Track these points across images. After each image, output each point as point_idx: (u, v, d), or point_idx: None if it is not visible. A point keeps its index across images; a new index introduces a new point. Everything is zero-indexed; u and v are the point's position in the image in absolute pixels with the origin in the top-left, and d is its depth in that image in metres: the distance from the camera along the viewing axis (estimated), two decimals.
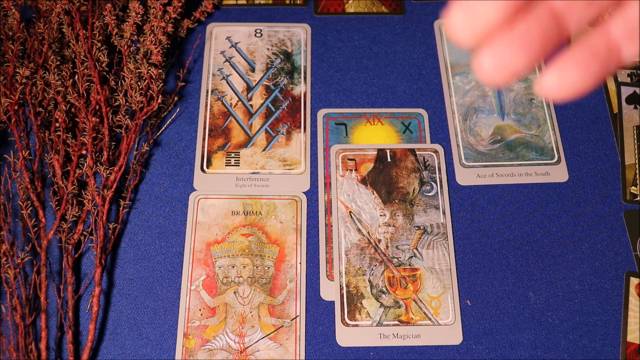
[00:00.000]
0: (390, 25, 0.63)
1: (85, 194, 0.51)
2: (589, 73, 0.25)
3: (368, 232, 0.52)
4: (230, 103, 0.58)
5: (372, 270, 0.51)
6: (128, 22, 0.54)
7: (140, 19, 0.55)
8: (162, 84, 0.54)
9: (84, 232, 0.51)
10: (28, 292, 0.48)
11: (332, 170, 0.55)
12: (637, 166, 0.56)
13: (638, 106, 0.58)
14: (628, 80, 0.60)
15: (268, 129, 0.57)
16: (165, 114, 0.57)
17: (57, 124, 0.52)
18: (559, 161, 0.56)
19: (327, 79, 0.60)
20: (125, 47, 0.54)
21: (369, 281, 0.50)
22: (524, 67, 0.25)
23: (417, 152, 0.56)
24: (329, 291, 0.50)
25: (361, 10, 0.64)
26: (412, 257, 0.51)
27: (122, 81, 0.54)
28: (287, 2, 0.64)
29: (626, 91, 0.59)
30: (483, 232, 0.53)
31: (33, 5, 0.57)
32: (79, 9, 0.54)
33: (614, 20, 0.26)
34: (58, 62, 0.53)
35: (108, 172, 0.52)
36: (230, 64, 0.60)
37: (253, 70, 0.60)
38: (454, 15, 0.24)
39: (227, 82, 0.59)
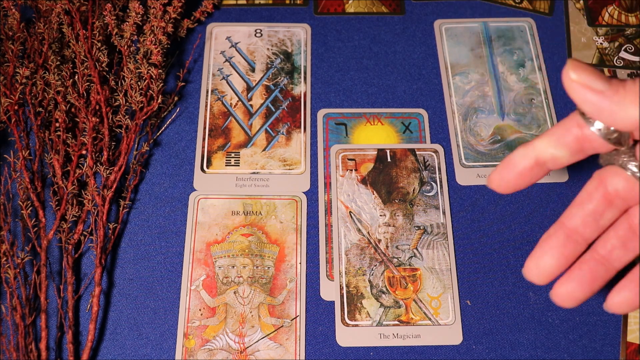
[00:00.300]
0: (390, 25, 0.63)
1: (85, 194, 0.51)
2: (638, 293, 0.34)
3: (368, 232, 0.52)
4: (230, 103, 0.58)
5: (372, 270, 0.51)
6: (128, 22, 0.54)
7: (140, 19, 0.55)
8: (162, 84, 0.54)
9: (84, 232, 0.51)
10: (28, 292, 0.48)
11: (332, 170, 0.55)
12: None
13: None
14: None
15: (268, 129, 0.57)
16: (165, 114, 0.57)
17: (57, 124, 0.52)
18: None
19: (327, 79, 0.60)
20: (125, 47, 0.54)
21: (369, 281, 0.50)
22: (582, 295, 0.34)
23: (417, 152, 0.56)
24: (329, 291, 0.50)
25: (361, 10, 0.64)
26: (412, 257, 0.51)
27: (122, 81, 0.54)
28: (287, 2, 0.64)
29: None
30: (483, 232, 0.53)
31: (33, 5, 0.57)
32: (79, 9, 0.54)
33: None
34: (58, 62, 0.53)
35: (108, 172, 0.52)
36: (230, 64, 0.60)
37: (253, 70, 0.60)
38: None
39: (227, 82, 0.59)
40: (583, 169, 0.56)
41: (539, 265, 0.35)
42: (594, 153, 0.35)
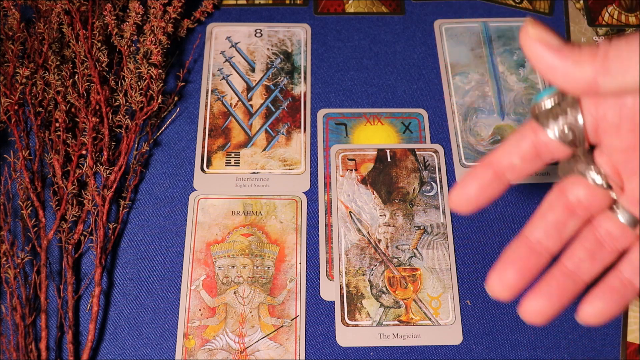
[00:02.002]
0: (390, 25, 0.63)
1: (85, 194, 0.51)
2: (611, 303, 0.33)
3: (368, 232, 0.52)
4: (230, 103, 0.58)
5: (372, 270, 0.51)
6: (128, 22, 0.54)
7: (140, 19, 0.55)
8: (162, 84, 0.55)
9: (84, 232, 0.51)
10: (28, 292, 0.48)
11: (332, 170, 0.55)
12: None
13: None
14: None
15: (268, 129, 0.57)
16: (165, 114, 0.57)
17: (57, 124, 0.52)
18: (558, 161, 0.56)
19: (327, 79, 0.60)
20: (125, 47, 0.54)
21: (369, 281, 0.50)
22: (551, 311, 0.34)
23: (417, 152, 0.56)
24: (329, 291, 0.50)
25: (361, 10, 0.64)
26: (412, 257, 0.51)
27: (122, 81, 0.54)
28: (287, 2, 0.64)
29: None
30: (483, 232, 0.53)
31: (33, 5, 0.57)
32: (79, 9, 0.54)
33: (623, 264, 0.34)
34: (58, 62, 0.53)
35: (108, 172, 0.52)
36: (230, 64, 0.60)
37: (253, 70, 0.60)
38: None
39: (227, 82, 0.59)
40: None
41: (502, 280, 0.33)
42: (551, 160, 0.34)
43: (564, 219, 0.34)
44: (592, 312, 0.33)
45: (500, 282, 0.34)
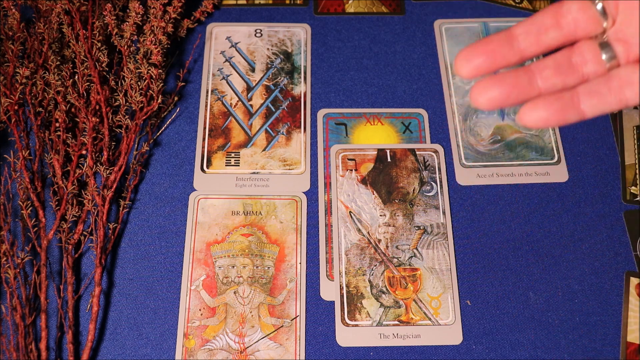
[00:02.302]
0: (390, 25, 0.63)
1: (85, 194, 0.51)
2: (554, 111, 0.34)
3: (368, 232, 0.52)
4: (230, 103, 0.58)
5: (372, 270, 0.51)
6: (128, 22, 0.54)
7: (140, 19, 0.55)
8: (162, 84, 0.54)
9: (84, 232, 0.51)
10: (28, 292, 0.48)
11: (332, 170, 0.55)
12: (637, 166, 0.56)
13: (638, 107, 0.58)
14: None
15: (268, 129, 0.57)
16: (165, 114, 0.57)
17: (57, 124, 0.52)
18: (559, 161, 0.56)
19: (327, 79, 0.60)
20: (125, 47, 0.54)
21: (369, 281, 0.50)
22: (500, 98, 0.34)
23: (417, 152, 0.56)
24: (329, 291, 0.50)
25: (361, 10, 0.64)
26: (412, 257, 0.51)
27: (122, 81, 0.54)
28: (287, 2, 0.64)
29: None
30: (483, 232, 0.53)
31: (33, 5, 0.57)
32: (79, 9, 0.54)
33: (581, 86, 0.35)
34: (58, 62, 0.53)
35: (108, 172, 0.52)
36: (230, 64, 0.60)
37: (253, 70, 0.60)
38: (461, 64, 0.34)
39: (227, 82, 0.59)
40: (583, 169, 0.56)
41: (471, 57, 0.34)
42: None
43: (548, 24, 0.35)
44: (535, 117, 0.34)
45: (468, 59, 0.34)
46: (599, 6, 0.34)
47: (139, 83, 0.53)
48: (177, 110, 0.58)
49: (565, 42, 0.35)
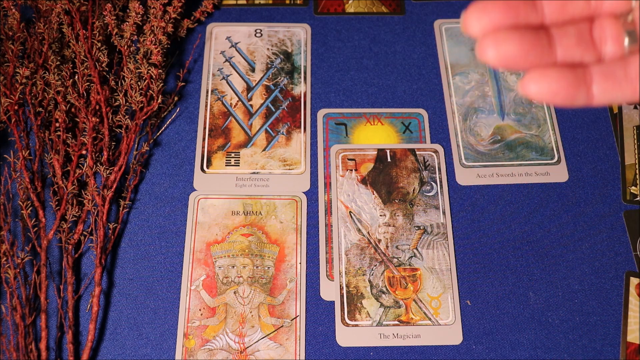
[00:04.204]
0: (390, 25, 0.63)
1: (85, 194, 0.51)
2: (565, 85, 0.30)
3: (368, 232, 0.52)
4: (230, 103, 0.58)
5: (372, 270, 0.51)
6: (128, 22, 0.54)
7: (140, 19, 0.55)
8: (162, 84, 0.54)
9: (84, 232, 0.51)
10: (28, 292, 0.48)
11: (332, 170, 0.55)
12: (637, 166, 0.56)
13: (638, 106, 0.58)
14: None
15: (268, 129, 0.57)
16: (165, 114, 0.57)
17: (57, 124, 0.52)
18: (559, 161, 0.56)
19: (327, 79, 0.60)
20: (125, 47, 0.54)
21: (369, 281, 0.50)
22: (516, 53, 0.30)
23: (417, 152, 0.56)
24: (329, 291, 0.50)
25: (361, 10, 0.64)
26: (412, 257, 0.51)
27: (122, 81, 0.54)
28: (287, 2, 0.64)
29: None
30: (483, 232, 0.53)
31: (33, 5, 0.57)
32: (79, 9, 0.54)
33: (595, 67, 0.31)
34: (58, 62, 0.53)
35: (108, 172, 0.52)
36: (230, 64, 0.60)
37: (253, 70, 0.60)
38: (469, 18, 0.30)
39: (227, 82, 0.59)
40: (583, 169, 0.56)
41: (485, 9, 0.30)
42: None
43: None
44: (542, 84, 0.30)
45: (483, 11, 0.30)
46: None
47: (139, 83, 0.53)
48: (177, 110, 0.58)
49: (591, 15, 0.32)
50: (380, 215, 0.53)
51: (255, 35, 0.62)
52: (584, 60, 0.31)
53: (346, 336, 0.49)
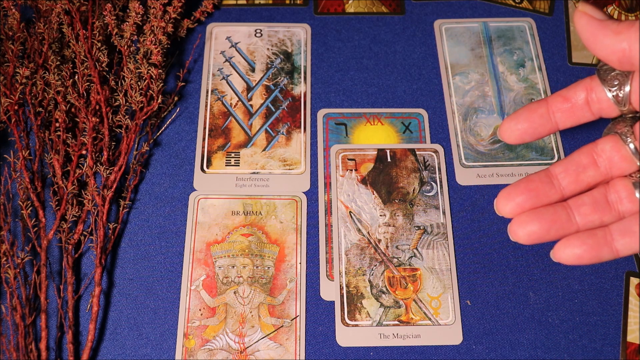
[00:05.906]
0: (390, 25, 0.63)
1: (85, 194, 0.51)
2: (588, 247, 0.35)
3: (368, 232, 0.52)
4: (230, 103, 0.58)
5: (372, 270, 0.51)
6: (128, 22, 0.54)
7: (140, 19, 0.55)
8: (162, 84, 0.55)
9: (84, 232, 0.51)
10: (28, 292, 0.48)
11: (332, 170, 0.55)
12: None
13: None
14: None
15: (268, 129, 0.57)
16: (165, 114, 0.57)
17: (57, 124, 0.52)
18: None
19: (327, 79, 0.60)
20: (125, 47, 0.54)
21: (369, 281, 0.50)
22: (540, 232, 0.35)
23: (417, 152, 0.56)
24: (329, 291, 0.50)
25: (361, 10, 0.64)
26: (412, 257, 0.51)
27: (122, 81, 0.54)
28: (287, 2, 0.64)
29: None
30: (483, 232, 0.53)
31: (33, 5, 0.57)
32: (79, 9, 0.54)
33: (614, 225, 0.35)
34: (58, 62, 0.53)
35: (108, 172, 0.52)
36: (230, 64, 0.60)
37: (253, 70, 0.60)
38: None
39: (227, 82, 0.59)
40: None
41: (511, 196, 0.36)
42: (599, 116, 0.36)
43: (586, 163, 0.36)
44: (568, 251, 0.35)
45: (509, 197, 0.36)
46: (632, 146, 0.35)
47: (139, 83, 0.53)
48: (177, 110, 0.58)
49: (603, 180, 0.36)
50: (380, 215, 0.53)
51: (255, 35, 0.62)
52: (605, 222, 0.36)
53: (346, 336, 0.49)
